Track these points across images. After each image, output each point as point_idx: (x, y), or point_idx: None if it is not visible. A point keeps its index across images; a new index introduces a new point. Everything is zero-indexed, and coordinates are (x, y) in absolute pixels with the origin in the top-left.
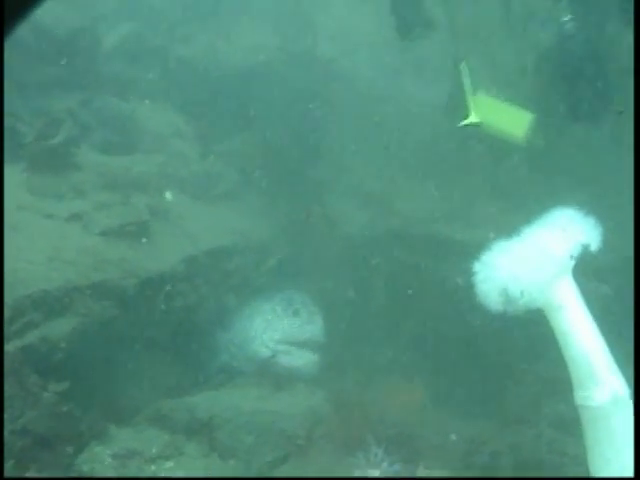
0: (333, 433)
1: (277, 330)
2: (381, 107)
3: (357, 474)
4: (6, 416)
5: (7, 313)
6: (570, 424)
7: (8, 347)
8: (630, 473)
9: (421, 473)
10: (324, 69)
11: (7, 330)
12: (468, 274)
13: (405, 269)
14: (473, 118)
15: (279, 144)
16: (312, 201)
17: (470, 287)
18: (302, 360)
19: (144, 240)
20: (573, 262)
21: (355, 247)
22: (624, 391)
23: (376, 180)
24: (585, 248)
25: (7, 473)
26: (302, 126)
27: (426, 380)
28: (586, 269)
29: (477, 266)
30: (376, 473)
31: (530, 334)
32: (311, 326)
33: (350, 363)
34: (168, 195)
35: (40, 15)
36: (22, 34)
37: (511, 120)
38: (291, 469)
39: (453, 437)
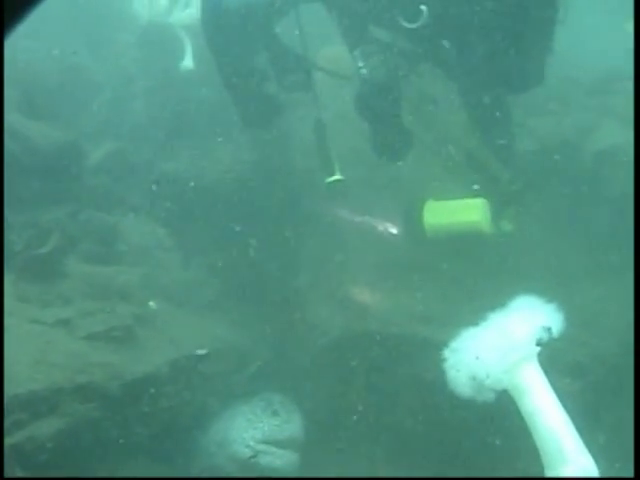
0: None
1: (257, 429)
2: None
3: None
4: None
5: None
6: None
7: None
8: None
9: None
10: (301, 180)
11: None
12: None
13: (383, 369)
14: (337, 176)
15: (260, 255)
16: (293, 308)
17: (441, 375)
18: (282, 460)
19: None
20: (538, 347)
21: (333, 349)
22: (593, 470)
23: (353, 285)
24: (548, 332)
25: None
26: (282, 237)
27: (404, 472)
28: (558, 365)
29: (446, 353)
30: None
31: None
32: (290, 425)
33: (330, 459)
34: (152, 304)
35: (29, 132)
36: (12, 149)
37: (466, 213)
38: None
39: None
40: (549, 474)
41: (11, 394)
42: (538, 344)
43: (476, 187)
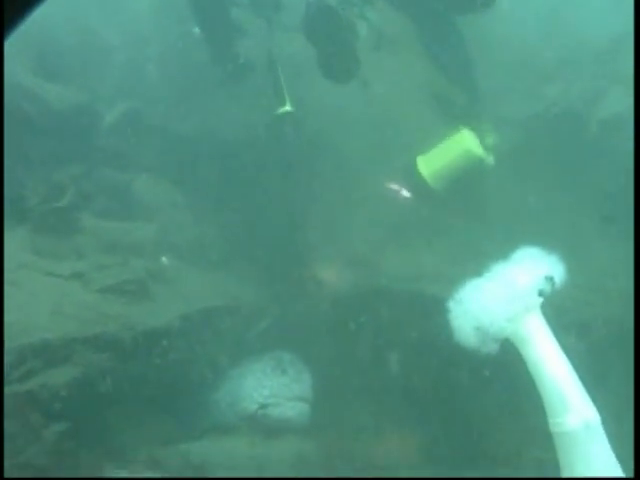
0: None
1: (266, 388)
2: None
3: None
4: (8, 451)
5: (9, 359)
6: (550, 468)
7: (11, 389)
8: None
9: None
10: (312, 140)
11: (10, 376)
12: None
13: (391, 326)
14: (287, 107)
15: (269, 213)
16: (302, 266)
17: (447, 327)
18: (293, 411)
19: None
20: (541, 298)
21: (342, 306)
22: (595, 418)
23: (362, 243)
24: (551, 282)
25: None
26: (291, 195)
27: (413, 431)
28: (564, 324)
29: (450, 304)
30: None
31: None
32: (299, 384)
33: (339, 417)
34: (164, 260)
35: (44, 93)
36: (27, 110)
37: (456, 148)
38: None
39: None
40: (552, 423)
41: (25, 343)
42: (540, 294)
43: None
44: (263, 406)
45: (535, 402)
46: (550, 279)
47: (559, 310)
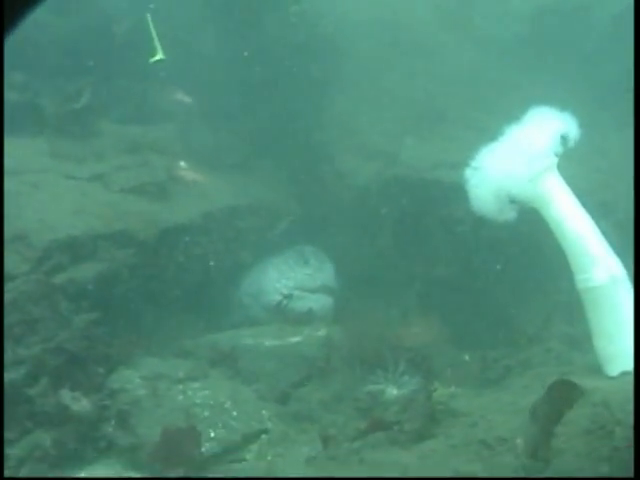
0: (351, 355)
1: (290, 279)
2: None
3: (377, 389)
4: (39, 337)
5: (35, 255)
6: (577, 341)
7: (39, 279)
8: (631, 347)
9: (438, 390)
10: (324, 41)
11: (36, 271)
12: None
13: (412, 214)
14: (159, 56)
15: (284, 115)
16: (321, 161)
17: (465, 196)
18: (317, 303)
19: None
20: (557, 158)
21: (363, 197)
22: (621, 270)
23: (381, 137)
24: (566, 140)
25: (40, 390)
26: (306, 93)
27: (438, 315)
28: (589, 206)
29: (467, 172)
30: (394, 391)
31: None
32: (322, 273)
33: (363, 307)
34: (183, 164)
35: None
36: (43, 18)
37: None
38: (313, 389)
39: (466, 358)
40: (579, 278)
41: (51, 238)
42: (556, 154)
43: None
44: (288, 297)
45: (558, 277)
46: (565, 137)
47: (583, 192)
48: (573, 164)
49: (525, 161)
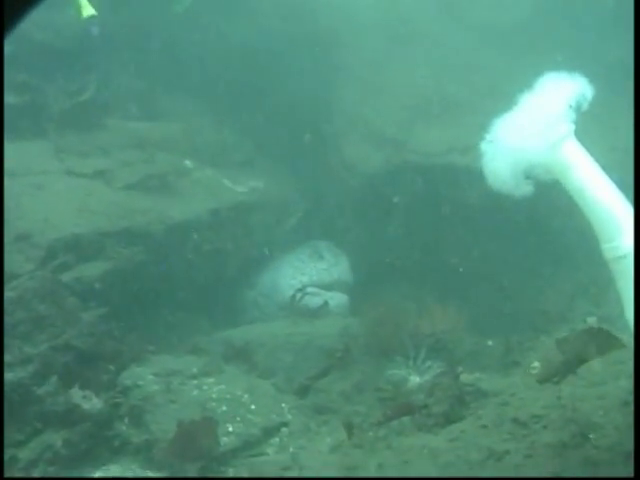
0: (370, 345)
1: (305, 275)
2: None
3: (398, 375)
4: (46, 335)
5: (39, 254)
6: (604, 320)
7: (44, 277)
8: None
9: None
10: (326, 35)
11: (41, 269)
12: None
13: (424, 201)
14: (90, 11)
15: (289, 109)
16: (330, 152)
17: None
18: (333, 301)
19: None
20: (573, 124)
21: (374, 186)
22: None
23: (389, 125)
24: (580, 103)
25: (50, 389)
26: (312, 86)
27: (456, 304)
28: None
29: (482, 146)
30: (417, 378)
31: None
32: (338, 267)
33: (379, 296)
34: (188, 163)
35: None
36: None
37: None
38: (333, 380)
39: (490, 343)
40: (606, 247)
41: (55, 237)
42: (573, 121)
43: None
44: (302, 291)
45: (578, 259)
46: (580, 102)
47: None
48: (587, 143)
49: (542, 129)
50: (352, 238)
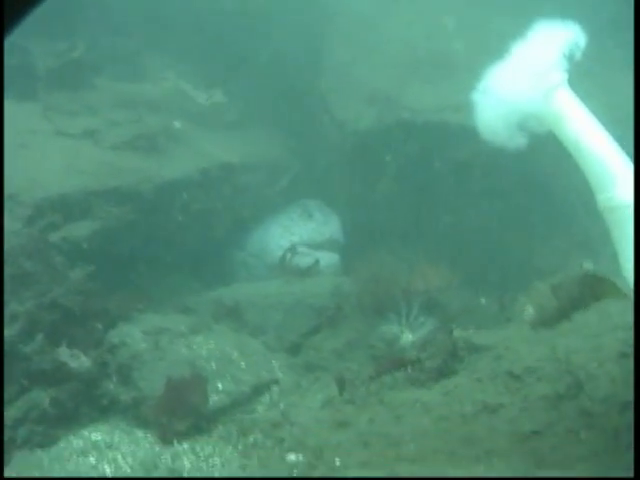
0: (362, 303)
1: (295, 234)
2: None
3: (391, 333)
4: (32, 292)
5: (26, 212)
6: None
7: (31, 235)
8: None
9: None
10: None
11: (28, 228)
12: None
13: (417, 160)
14: None
15: (280, 69)
16: (320, 110)
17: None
18: (324, 260)
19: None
20: (566, 73)
21: (365, 145)
22: None
23: (381, 82)
24: (572, 53)
25: (36, 347)
26: (303, 45)
27: (448, 262)
28: None
29: (474, 96)
30: (410, 335)
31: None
32: (328, 227)
33: (370, 255)
34: (176, 124)
35: None
36: None
37: None
38: (325, 338)
39: (483, 301)
40: (600, 198)
41: (42, 197)
42: (565, 69)
43: None
44: (292, 251)
45: (573, 217)
46: (573, 50)
47: None
48: (581, 100)
49: (534, 78)
50: (344, 197)
